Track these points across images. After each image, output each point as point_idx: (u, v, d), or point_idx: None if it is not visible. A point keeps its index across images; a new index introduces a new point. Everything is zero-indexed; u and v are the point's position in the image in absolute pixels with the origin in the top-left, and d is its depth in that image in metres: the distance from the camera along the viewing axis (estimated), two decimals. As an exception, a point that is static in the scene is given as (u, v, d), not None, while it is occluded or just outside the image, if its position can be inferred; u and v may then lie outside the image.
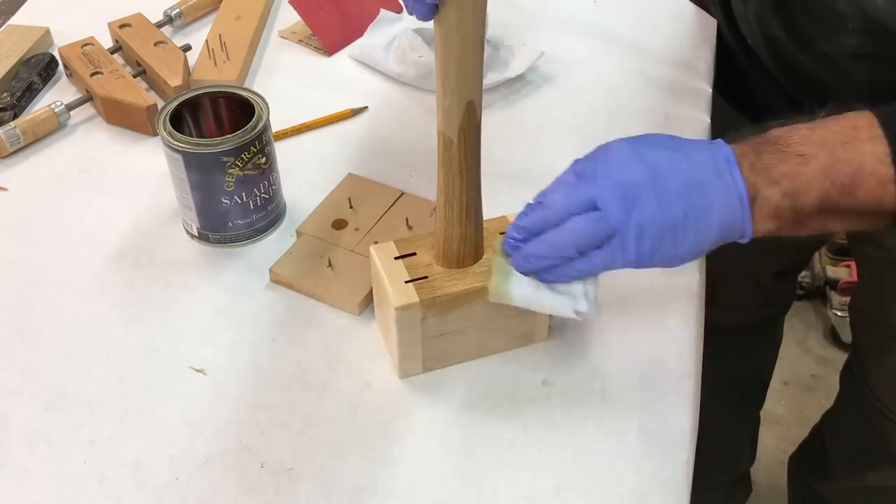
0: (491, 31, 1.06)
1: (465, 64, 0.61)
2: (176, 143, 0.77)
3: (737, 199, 0.60)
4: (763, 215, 0.61)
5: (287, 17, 1.12)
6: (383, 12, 1.08)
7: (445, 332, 0.69)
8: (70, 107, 0.96)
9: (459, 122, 0.63)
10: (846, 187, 0.60)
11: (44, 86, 1.02)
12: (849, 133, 0.61)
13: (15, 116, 0.96)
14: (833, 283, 1.91)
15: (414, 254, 0.70)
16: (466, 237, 0.68)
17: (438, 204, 0.68)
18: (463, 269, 0.69)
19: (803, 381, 1.84)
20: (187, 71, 1.01)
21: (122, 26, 1.05)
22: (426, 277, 0.69)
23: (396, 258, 0.70)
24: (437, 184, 0.68)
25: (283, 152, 0.87)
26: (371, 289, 0.76)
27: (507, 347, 0.73)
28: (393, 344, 0.70)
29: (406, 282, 0.68)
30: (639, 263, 0.62)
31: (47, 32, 1.08)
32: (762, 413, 1.40)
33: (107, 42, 1.05)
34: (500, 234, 0.69)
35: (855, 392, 1.11)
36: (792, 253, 1.21)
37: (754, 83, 0.96)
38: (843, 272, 1.91)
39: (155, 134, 0.82)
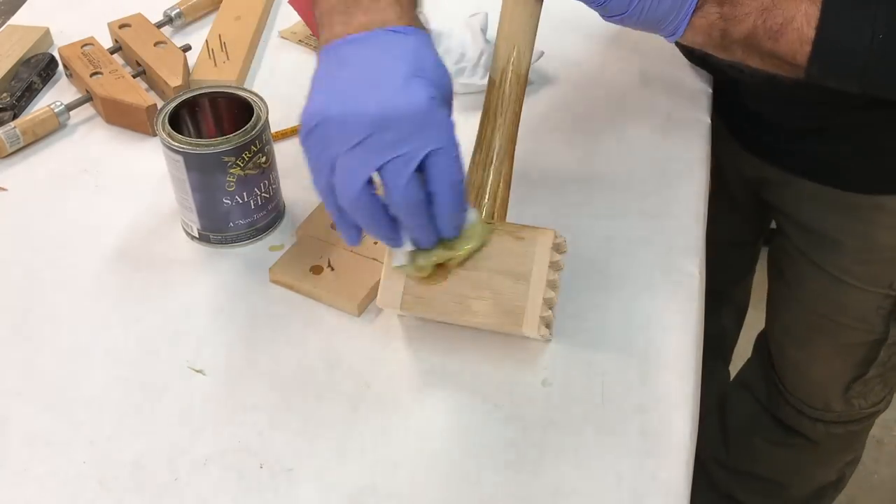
0: (491, 31, 1.05)
1: (518, 14, 0.71)
2: (176, 143, 0.77)
3: None
4: (697, 27, 0.67)
5: (287, 17, 1.12)
6: (383, 12, 1.08)
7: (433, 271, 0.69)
8: (70, 107, 0.96)
9: (503, 64, 0.70)
10: (772, 32, 0.66)
11: (44, 86, 1.02)
12: None
13: (15, 116, 0.96)
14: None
15: None
16: (488, 186, 0.70)
17: (474, 145, 0.71)
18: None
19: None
20: (187, 71, 1.01)
21: (121, 26, 1.05)
22: None
23: None
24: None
25: (283, 152, 0.87)
26: (370, 289, 0.76)
27: (491, 322, 0.70)
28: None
29: None
30: None
31: (47, 32, 1.08)
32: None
33: (107, 42, 1.05)
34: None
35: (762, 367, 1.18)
36: (744, 225, 1.22)
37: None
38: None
39: (155, 134, 0.82)
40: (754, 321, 1.29)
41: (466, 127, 0.97)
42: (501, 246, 0.68)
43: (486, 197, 0.70)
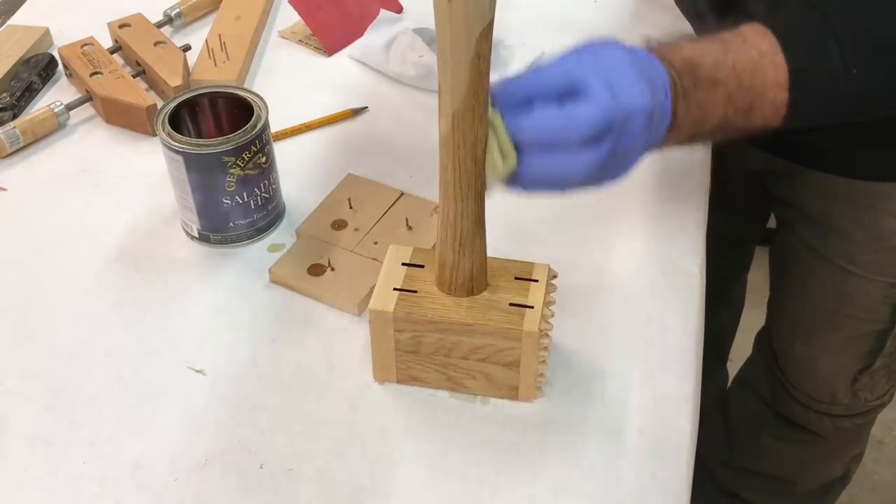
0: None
1: (461, 80, 0.57)
2: (176, 143, 0.77)
3: (664, 130, 0.64)
4: (672, 137, 0.65)
5: (287, 17, 1.12)
6: (383, 12, 1.08)
7: (420, 352, 0.68)
8: (70, 107, 0.96)
9: (453, 147, 0.59)
10: (744, 111, 0.65)
11: (43, 86, 1.02)
12: (755, 59, 0.64)
13: (14, 116, 0.96)
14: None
15: (423, 266, 0.68)
16: (459, 267, 0.65)
17: (439, 223, 0.65)
18: (457, 297, 0.66)
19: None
20: (187, 71, 1.01)
21: (121, 26, 1.05)
22: (415, 292, 0.67)
23: (404, 264, 0.69)
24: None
25: (283, 152, 0.87)
26: (370, 289, 0.76)
27: (486, 393, 0.70)
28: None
29: (394, 289, 0.67)
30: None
31: (47, 32, 1.08)
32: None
33: (106, 42, 1.05)
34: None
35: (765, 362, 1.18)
36: (743, 222, 1.22)
37: None
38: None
39: (154, 134, 0.82)
40: (752, 322, 1.29)
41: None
42: (486, 343, 0.66)
43: (463, 277, 0.66)
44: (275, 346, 0.74)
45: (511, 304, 0.66)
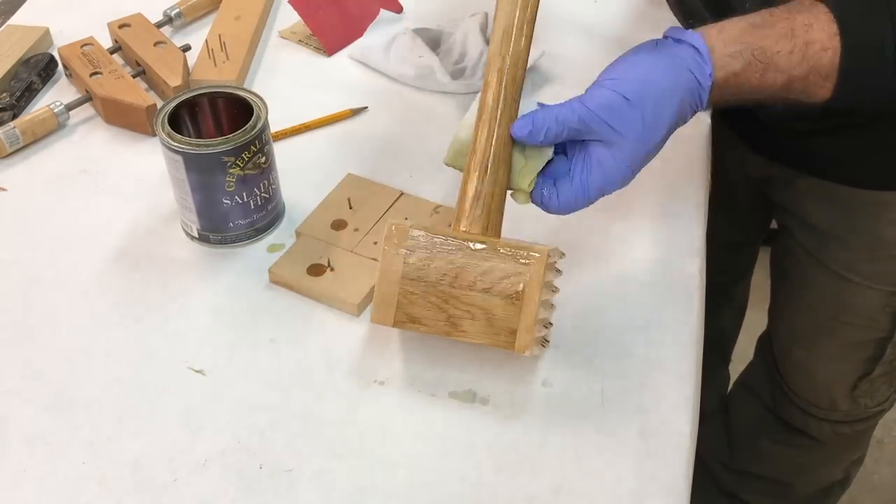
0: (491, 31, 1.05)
1: (510, 8, 0.69)
2: (175, 143, 0.77)
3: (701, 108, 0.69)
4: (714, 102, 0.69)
5: (287, 17, 1.12)
6: (383, 12, 1.08)
7: (425, 279, 0.68)
8: (69, 107, 0.96)
9: (498, 64, 0.68)
10: (792, 85, 0.68)
11: (43, 86, 1.02)
12: (805, 34, 0.66)
13: (14, 116, 0.96)
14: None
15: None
16: (482, 196, 0.68)
17: (469, 156, 0.69)
18: (471, 233, 0.68)
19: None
20: (187, 71, 1.01)
21: (121, 26, 1.05)
22: (427, 226, 0.69)
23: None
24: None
25: (283, 152, 0.87)
26: (370, 289, 0.76)
27: (482, 340, 0.68)
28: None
29: (406, 219, 0.69)
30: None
31: (47, 32, 1.08)
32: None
33: (106, 42, 1.05)
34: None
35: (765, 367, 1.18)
36: (745, 226, 1.23)
37: None
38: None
39: (154, 134, 0.82)
40: (755, 323, 1.29)
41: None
42: (494, 265, 0.67)
43: (480, 209, 0.68)
44: (274, 347, 0.74)
45: (521, 247, 0.68)
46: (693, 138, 0.94)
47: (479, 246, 0.67)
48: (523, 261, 0.67)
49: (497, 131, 0.68)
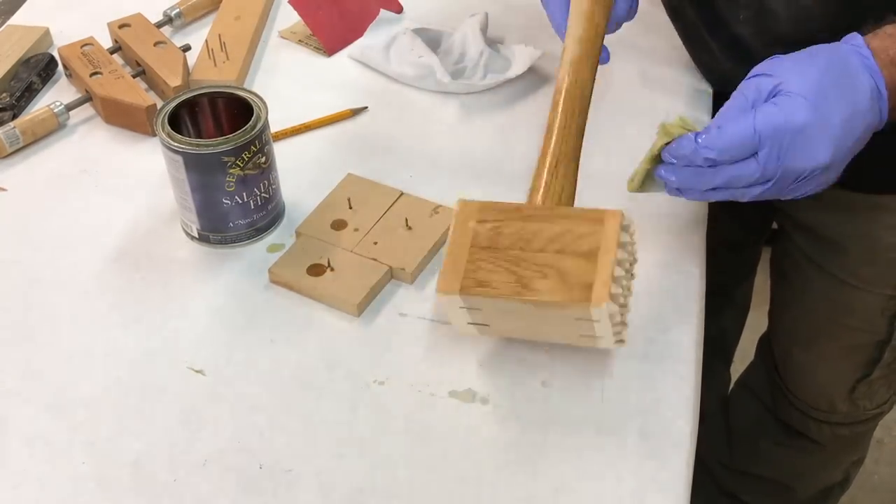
0: (491, 31, 1.05)
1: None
2: (175, 143, 0.77)
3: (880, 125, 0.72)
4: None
5: (287, 17, 1.12)
6: (383, 12, 1.08)
7: (496, 246, 0.66)
8: (69, 107, 0.96)
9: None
10: None
11: (43, 86, 1.02)
12: None
13: (14, 116, 0.96)
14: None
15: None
16: (550, 190, 0.70)
17: (540, 150, 0.72)
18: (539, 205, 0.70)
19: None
20: (187, 71, 1.01)
21: (121, 26, 1.05)
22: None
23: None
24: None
25: (283, 152, 0.87)
26: (370, 289, 0.76)
27: (556, 297, 0.64)
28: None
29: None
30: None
31: (47, 32, 1.08)
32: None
33: (106, 42, 1.05)
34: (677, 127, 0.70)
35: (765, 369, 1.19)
36: (746, 227, 1.22)
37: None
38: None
39: (154, 134, 0.82)
40: (756, 323, 1.29)
41: (468, 127, 0.97)
42: (567, 228, 0.66)
43: (556, 180, 0.71)
44: (274, 347, 0.74)
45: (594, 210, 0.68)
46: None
47: (551, 212, 0.68)
48: (596, 221, 0.65)
49: (572, 123, 0.73)
